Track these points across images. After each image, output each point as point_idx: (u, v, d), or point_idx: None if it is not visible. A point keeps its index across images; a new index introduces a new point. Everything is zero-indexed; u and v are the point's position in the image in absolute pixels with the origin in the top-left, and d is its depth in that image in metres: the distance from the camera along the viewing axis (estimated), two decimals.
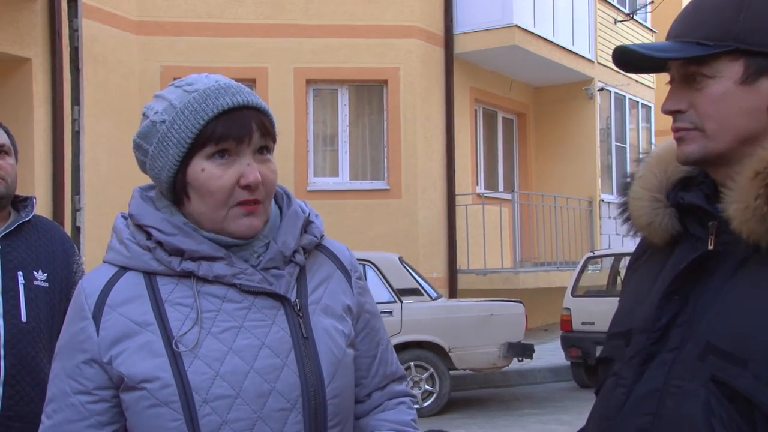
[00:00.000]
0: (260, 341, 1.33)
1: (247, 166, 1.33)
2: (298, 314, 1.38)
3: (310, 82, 11.21)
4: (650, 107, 16.32)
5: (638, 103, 15.85)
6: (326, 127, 11.62)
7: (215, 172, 1.32)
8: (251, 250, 1.39)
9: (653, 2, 15.51)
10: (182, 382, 1.28)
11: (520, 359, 8.38)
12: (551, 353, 10.35)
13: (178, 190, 1.37)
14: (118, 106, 9.94)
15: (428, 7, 11.71)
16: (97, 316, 1.34)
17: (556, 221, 12.69)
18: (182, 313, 1.33)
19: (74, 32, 8.98)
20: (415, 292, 8.13)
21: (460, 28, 12.00)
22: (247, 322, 1.34)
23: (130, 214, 1.41)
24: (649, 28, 16.18)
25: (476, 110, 13.07)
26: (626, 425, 1.20)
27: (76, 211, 8.92)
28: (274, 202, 1.46)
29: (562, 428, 7.10)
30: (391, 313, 7.79)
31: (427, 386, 7.98)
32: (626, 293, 1.37)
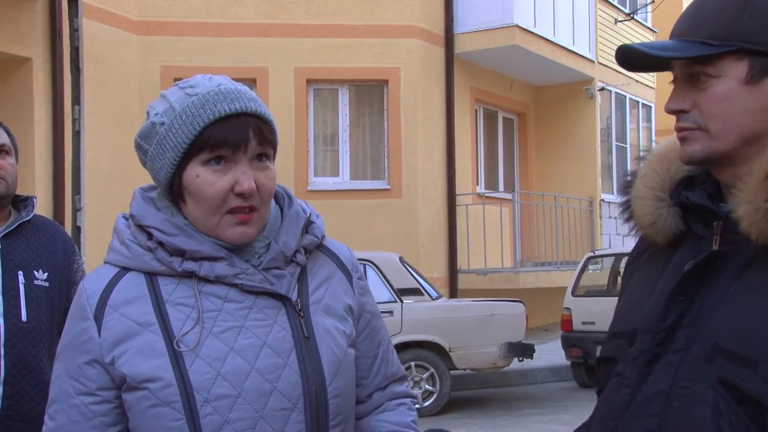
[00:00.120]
0: (261, 341, 1.33)
1: (242, 173, 1.32)
2: (299, 314, 1.37)
3: (310, 81, 11.21)
4: (651, 107, 16.32)
5: (639, 102, 15.84)
6: (326, 126, 11.62)
7: (210, 178, 1.32)
8: (252, 250, 1.39)
9: (654, 2, 15.51)
10: (183, 381, 1.28)
11: (520, 359, 8.37)
12: (552, 353, 10.35)
13: (174, 192, 1.37)
14: (118, 105, 9.94)
15: (428, 6, 11.70)
16: (98, 316, 1.33)
17: (556, 221, 12.68)
18: (183, 313, 1.33)
19: (75, 32, 8.98)
20: (415, 291, 8.12)
21: (460, 27, 12.00)
22: (248, 321, 1.33)
23: (131, 214, 1.41)
24: (649, 27, 16.18)
25: (477, 110, 13.06)
26: (632, 427, 1.18)
27: (76, 210, 8.91)
28: (275, 202, 1.46)
29: (562, 428, 7.09)
30: (391, 312, 7.79)
31: (427, 386, 7.97)
32: (627, 293, 1.36)
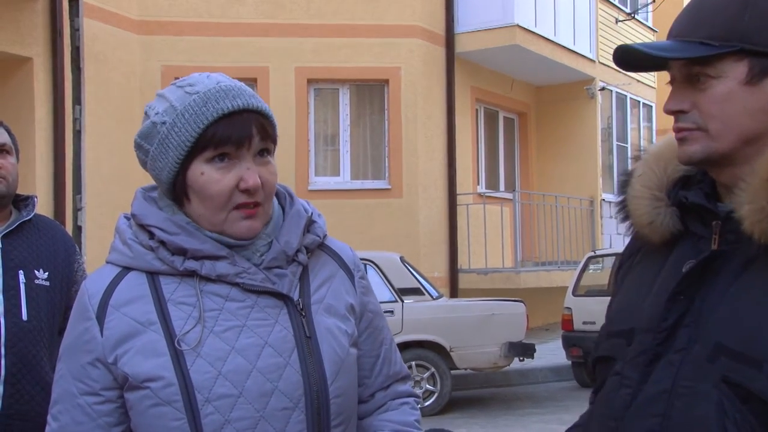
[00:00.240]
0: (263, 340, 1.32)
1: (246, 170, 1.32)
2: (300, 313, 1.37)
3: (311, 81, 11.20)
4: (651, 107, 16.31)
5: (639, 102, 15.83)
6: (327, 126, 11.61)
7: (214, 176, 1.32)
8: (254, 249, 1.38)
9: (654, 1, 15.49)
10: (185, 381, 1.27)
11: (521, 359, 8.37)
12: (552, 353, 10.34)
13: (178, 191, 1.37)
14: (119, 105, 9.94)
15: (429, 6, 11.70)
16: (100, 316, 1.33)
17: (557, 221, 12.68)
18: (185, 312, 1.33)
19: (75, 31, 8.97)
20: (416, 291, 8.12)
21: (461, 27, 11.99)
22: (249, 321, 1.33)
23: (132, 214, 1.40)
24: (650, 27, 16.17)
25: (477, 110, 13.05)
26: (633, 426, 1.18)
27: (77, 210, 8.91)
28: (276, 201, 1.46)
29: (563, 428, 7.01)
30: (392, 312, 7.78)
31: (428, 386, 7.97)
32: (623, 291, 1.36)
